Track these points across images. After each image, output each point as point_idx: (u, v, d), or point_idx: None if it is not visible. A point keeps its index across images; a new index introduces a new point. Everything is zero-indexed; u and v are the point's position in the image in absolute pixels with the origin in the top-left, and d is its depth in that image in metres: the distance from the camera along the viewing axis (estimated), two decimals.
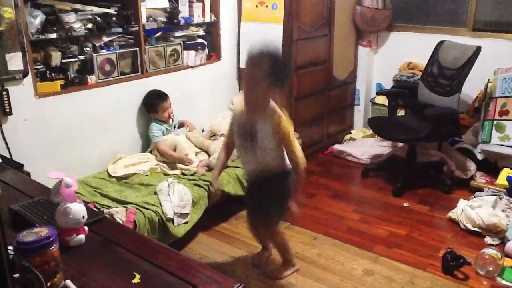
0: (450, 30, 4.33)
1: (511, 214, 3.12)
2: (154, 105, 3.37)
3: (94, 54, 3.10)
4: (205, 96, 3.95)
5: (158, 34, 3.53)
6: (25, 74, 2.74)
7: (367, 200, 3.64)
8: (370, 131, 4.60)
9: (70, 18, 2.91)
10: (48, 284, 1.18)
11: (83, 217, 1.46)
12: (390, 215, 3.39)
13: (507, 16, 4.13)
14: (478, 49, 3.61)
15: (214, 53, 4.00)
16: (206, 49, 3.88)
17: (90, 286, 1.26)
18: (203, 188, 3.05)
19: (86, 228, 1.49)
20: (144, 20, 3.34)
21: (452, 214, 3.26)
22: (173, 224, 2.80)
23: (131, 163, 3.22)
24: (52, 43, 2.93)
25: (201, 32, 3.83)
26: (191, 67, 3.76)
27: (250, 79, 2.22)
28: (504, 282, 2.60)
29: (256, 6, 3.95)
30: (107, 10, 3.14)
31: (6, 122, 2.72)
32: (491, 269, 2.65)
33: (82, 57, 3.08)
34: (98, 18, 3.07)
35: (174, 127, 3.48)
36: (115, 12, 3.19)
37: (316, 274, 2.71)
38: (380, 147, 4.38)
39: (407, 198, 3.62)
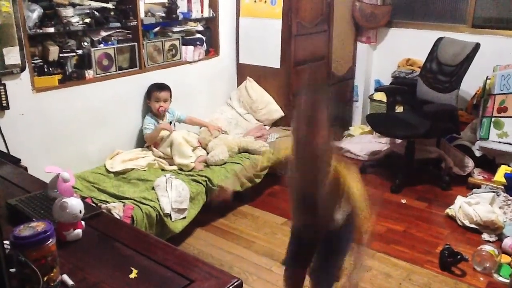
0: (449, 27, 4.32)
1: (509, 211, 3.13)
2: (149, 91, 3.41)
3: (92, 49, 3.09)
4: (203, 92, 3.94)
5: (157, 29, 3.52)
6: (22, 69, 2.73)
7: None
8: (368, 128, 4.60)
9: (68, 12, 2.90)
10: (45, 278, 1.17)
11: (80, 211, 1.45)
12: (388, 211, 3.39)
13: (506, 13, 4.13)
14: (477, 46, 3.60)
15: (212, 49, 3.99)
16: (205, 44, 3.87)
17: (87, 281, 1.26)
18: (201, 183, 3.05)
19: (83, 223, 1.49)
20: (142, 15, 3.33)
21: (450, 211, 3.26)
22: (171, 219, 2.80)
23: (128, 158, 3.21)
24: (50, 37, 2.91)
25: (199, 27, 3.82)
26: (190, 62, 3.75)
27: (307, 126, 1.66)
28: (500, 278, 2.60)
29: (255, 1, 3.94)
30: (105, 5, 3.12)
31: (3, 117, 2.71)
32: (488, 265, 2.65)
33: (80, 51, 3.07)
34: (96, 13, 3.05)
35: (170, 123, 3.47)
36: (113, 7, 3.18)
37: None
38: (378, 143, 4.38)
39: (405, 194, 3.63)
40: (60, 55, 2.95)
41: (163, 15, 3.51)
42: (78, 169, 3.04)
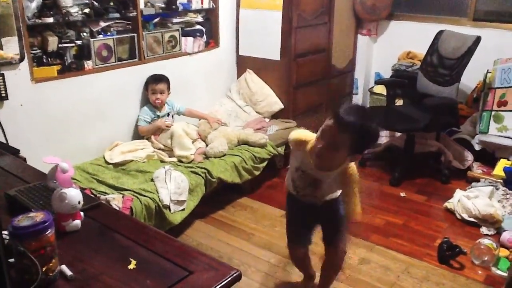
0: (450, 20, 4.30)
1: (507, 205, 3.13)
2: (146, 83, 3.41)
3: (91, 40, 3.07)
4: (203, 84, 3.93)
5: (156, 20, 3.50)
6: (21, 59, 2.71)
7: (364, 190, 3.63)
8: None
9: (67, 2, 2.88)
10: (44, 269, 1.17)
11: (79, 202, 1.45)
12: (387, 204, 3.39)
13: (507, 6, 4.11)
14: (478, 39, 3.59)
15: (212, 40, 3.97)
16: (205, 36, 3.85)
17: (86, 272, 1.26)
18: (200, 175, 3.04)
19: (82, 213, 1.49)
20: (142, 5, 3.31)
21: (449, 204, 3.27)
22: (170, 211, 2.80)
23: (128, 150, 3.20)
24: (49, 27, 2.89)
25: (199, 18, 3.80)
26: (189, 54, 3.73)
27: (330, 143, 1.82)
28: (499, 272, 2.61)
29: None
30: None
31: (2, 107, 2.70)
32: (486, 259, 2.66)
33: (79, 42, 3.05)
34: (96, 3, 3.03)
35: (168, 115, 3.46)
36: None
37: (312, 262, 2.71)
38: None
39: (404, 187, 3.63)
40: (59, 45, 2.93)
41: (163, 6, 3.49)
42: (77, 160, 3.03)
